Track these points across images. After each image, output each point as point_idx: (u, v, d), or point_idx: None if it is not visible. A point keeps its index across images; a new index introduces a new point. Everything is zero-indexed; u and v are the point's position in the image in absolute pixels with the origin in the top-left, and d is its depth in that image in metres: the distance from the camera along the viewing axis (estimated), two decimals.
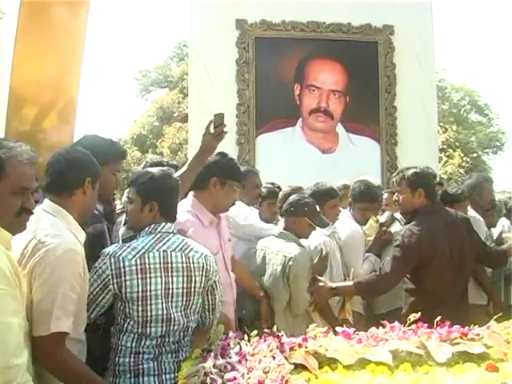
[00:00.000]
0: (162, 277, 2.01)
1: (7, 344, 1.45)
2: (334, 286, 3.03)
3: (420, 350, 1.83)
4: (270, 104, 6.31)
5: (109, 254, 2.01)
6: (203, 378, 1.70)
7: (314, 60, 6.49)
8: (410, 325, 2.01)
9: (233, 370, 1.71)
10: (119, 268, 1.97)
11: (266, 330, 1.98)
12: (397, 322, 2.05)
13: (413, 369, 1.75)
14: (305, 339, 1.87)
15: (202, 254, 2.13)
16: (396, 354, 1.81)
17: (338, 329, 2.03)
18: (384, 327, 2.02)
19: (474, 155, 19.04)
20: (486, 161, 21.19)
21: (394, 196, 3.25)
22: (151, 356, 1.99)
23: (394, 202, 3.21)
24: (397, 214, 3.72)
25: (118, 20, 43.92)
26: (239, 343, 1.87)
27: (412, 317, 2.04)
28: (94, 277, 2.00)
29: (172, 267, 2.04)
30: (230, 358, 1.78)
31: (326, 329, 2.04)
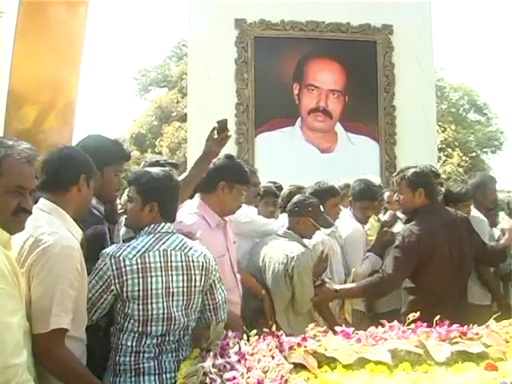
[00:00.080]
0: (162, 276, 2.01)
1: (5, 344, 1.45)
2: (338, 288, 3.03)
3: (419, 350, 1.83)
4: (269, 103, 6.31)
5: (109, 255, 2.00)
6: (202, 377, 1.70)
7: (313, 59, 6.49)
8: (409, 324, 2.01)
9: (232, 369, 1.71)
10: (120, 268, 1.97)
11: (265, 329, 1.98)
12: (396, 322, 2.05)
13: (412, 368, 1.75)
14: (304, 339, 1.87)
15: (202, 253, 2.13)
16: (395, 353, 1.81)
17: (338, 328, 2.03)
18: (383, 326, 2.02)
19: (473, 154, 19.05)
20: (485, 160, 21.19)
21: (394, 196, 3.25)
22: (152, 355, 1.99)
23: (395, 201, 3.21)
24: (399, 213, 3.71)
25: (117, 20, 44.00)
26: (238, 343, 1.88)
27: (411, 316, 2.04)
28: (95, 278, 1.99)
29: (172, 266, 2.04)
30: (229, 357, 1.78)
31: (325, 328, 2.05)
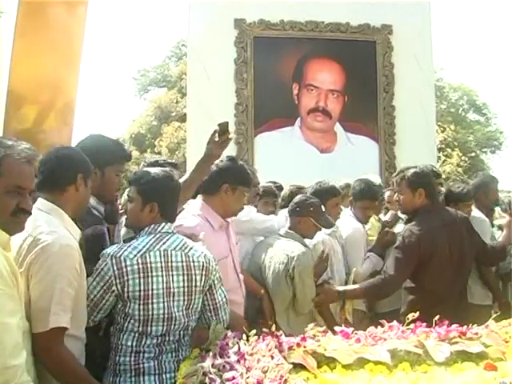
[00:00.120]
0: (163, 276, 2.01)
1: (4, 345, 1.44)
2: (341, 289, 3.03)
3: (418, 350, 1.83)
4: (268, 103, 6.31)
5: (110, 255, 2.00)
6: (202, 377, 1.70)
7: (312, 59, 6.49)
8: (408, 324, 2.01)
9: (231, 369, 1.71)
10: (121, 268, 1.97)
11: (264, 329, 1.98)
12: (395, 322, 2.05)
13: (411, 368, 1.75)
14: (303, 339, 1.87)
15: (202, 253, 2.13)
16: (394, 353, 1.81)
17: (337, 328, 2.03)
18: (382, 326, 2.02)
19: (472, 154, 19.03)
20: (485, 160, 21.17)
21: (394, 196, 3.25)
22: (152, 355, 1.99)
23: (395, 201, 3.22)
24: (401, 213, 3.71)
25: (116, 19, 43.97)
26: (238, 343, 1.87)
27: (411, 316, 2.04)
28: (96, 279, 1.99)
29: (172, 266, 2.04)
30: (229, 357, 1.77)
31: (324, 328, 2.05)
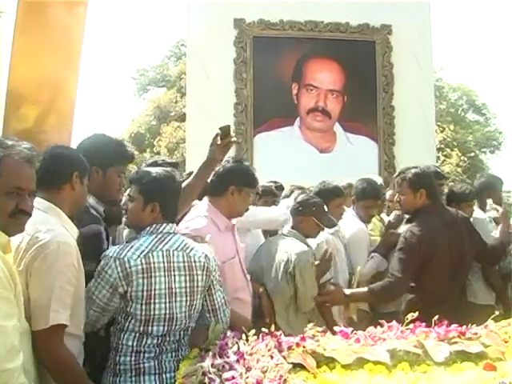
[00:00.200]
0: (165, 276, 2.01)
1: None
2: (349, 292, 3.02)
3: (418, 350, 1.83)
4: (267, 103, 6.32)
5: (112, 257, 1.98)
6: (201, 377, 1.70)
7: (311, 59, 6.50)
8: (408, 324, 2.01)
9: (231, 369, 1.70)
10: (125, 269, 1.96)
11: (264, 329, 1.98)
12: (395, 322, 2.05)
13: (411, 368, 1.75)
14: (303, 338, 1.87)
15: (203, 253, 2.13)
16: (394, 353, 1.81)
17: (336, 328, 2.03)
18: (382, 326, 2.02)
19: (472, 155, 19.03)
20: (484, 160, 21.18)
21: (395, 197, 3.25)
22: (152, 355, 1.99)
23: (396, 202, 3.21)
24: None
25: (116, 19, 43.81)
26: (237, 343, 1.87)
27: (410, 316, 2.04)
28: (101, 284, 1.98)
29: (174, 266, 2.04)
30: (228, 357, 1.77)
31: (323, 328, 2.05)
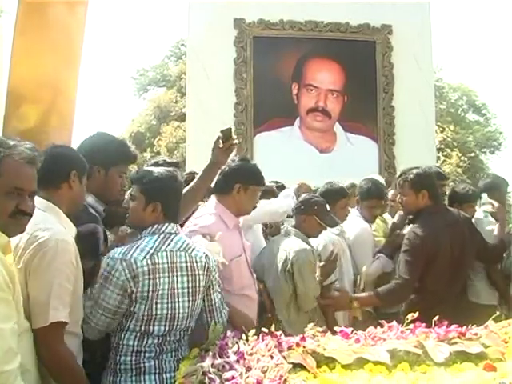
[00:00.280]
0: (168, 277, 2.01)
1: None
2: (355, 296, 3.01)
3: (418, 350, 1.83)
4: (267, 103, 6.31)
5: (118, 259, 1.97)
6: (201, 377, 1.70)
7: (311, 59, 6.49)
8: (408, 324, 2.01)
9: (231, 369, 1.71)
10: (133, 270, 1.95)
11: (263, 329, 1.98)
12: (395, 322, 2.05)
13: (411, 368, 1.76)
14: (303, 338, 1.87)
15: (204, 253, 2.14)
16: (394, 353, 1.81)
17: (336, 328, 2.03)
18: (382, 327, 2.02)
19: (472, 155, 19.00)
20: (484, 160, 21.16)
21: (397, 197, 3.25)
22: (152, 354, 1.99)
23: (398, 202, 3.21)
24: None
25: (115, 19, 43.75)
26: (237, 342, 1.87)
27: (410, 316, 2.04)
28: (110, 288, 1.96)
29: (177, 267, 2.04)
30: (228, 357, 1.77)
31: (323, 328, 2.05)
